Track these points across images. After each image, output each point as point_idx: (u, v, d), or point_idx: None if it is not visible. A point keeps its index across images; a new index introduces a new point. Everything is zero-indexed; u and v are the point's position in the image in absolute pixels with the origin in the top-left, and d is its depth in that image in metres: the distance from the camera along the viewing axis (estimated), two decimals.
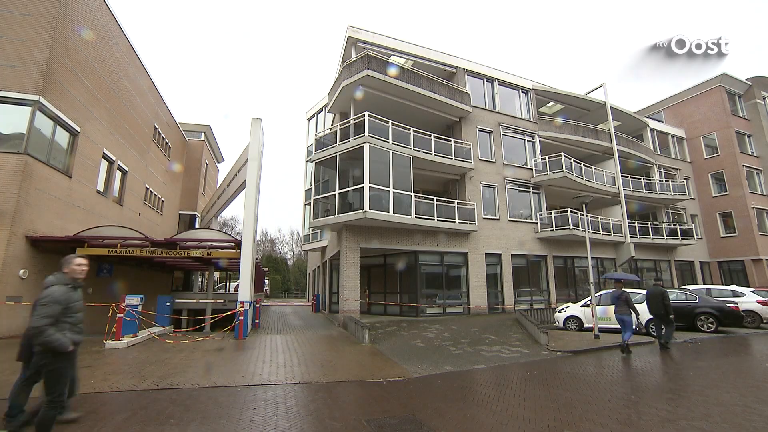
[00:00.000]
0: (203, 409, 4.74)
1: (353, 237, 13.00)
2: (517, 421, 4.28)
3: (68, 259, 3.60)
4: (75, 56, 11.69)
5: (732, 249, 23.41)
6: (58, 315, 3.28)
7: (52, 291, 3.34)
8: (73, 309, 3.44)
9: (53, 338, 3.21)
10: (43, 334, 3.18)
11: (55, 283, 3.43)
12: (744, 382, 6.01)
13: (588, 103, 20.91)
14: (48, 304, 3.27)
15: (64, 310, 3.33)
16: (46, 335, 3.19)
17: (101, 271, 13.39)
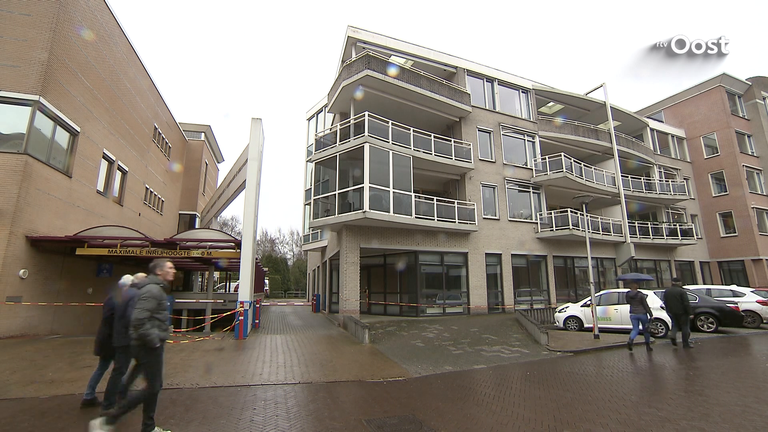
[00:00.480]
0: (203, 409, 4.74)
1: (353, 237, 13.00)
2: (517, 421, 4.28)
3: (161, 263, 4.03)
4: (75, 56, 11.69)
5: (732, 249, 23.41)
6: (153, 310, 3.67)
7: (150, 288, 3.75)
8: (163, 306, 3.82)
9: (148, 332, 3.60)
10: (142, 326, 3.57)
11: (150, 282, 3.85)
12: (744, 382, 6.01)
13: (588, 103, 20.91)
14: (147, 299, 3.66)
15: (157, 306, 3.72)
16: (144, 328, 3.58)
17: (101, 271, 13.40)
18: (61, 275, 11.32)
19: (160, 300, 3.75)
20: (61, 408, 4.64)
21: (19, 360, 7.18)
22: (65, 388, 5.43)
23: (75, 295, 11.76)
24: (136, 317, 3.58)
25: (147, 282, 3.87)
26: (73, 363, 7.02)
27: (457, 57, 17.34)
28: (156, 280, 3.87)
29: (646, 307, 8.88)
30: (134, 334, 3.60)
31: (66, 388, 5.43)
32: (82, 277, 12.45)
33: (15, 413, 4.48)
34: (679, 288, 9.28)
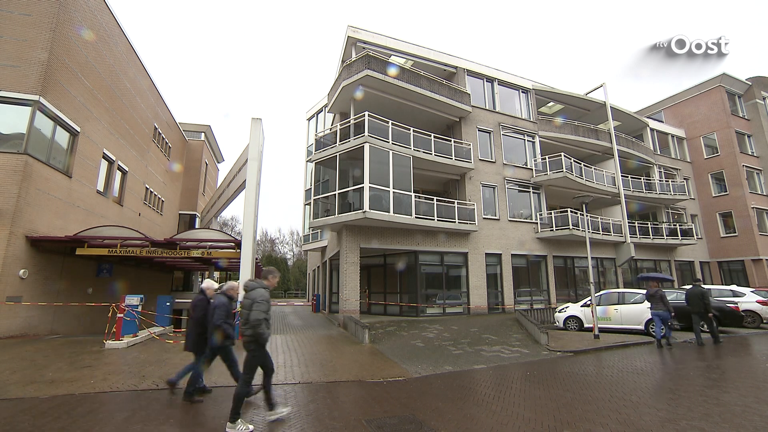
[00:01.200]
0: (203, 409, 4.74)
1: (353, 237, 13.00)
2: (517, 421, 4.28)
3: (273, 272, 4.60)
4: (75, 56, 11.70)
5: (732, 249, 23.41)
6: (267, 311, 4.22)
7: (263, 293, 4.27)
8: (270, 309, 4.36)
9: (264, 331, 4.13)
10: (261, 325, 4.10)
11: (259, 286, 4.34)
12: (744, 382, 6.01)
13: (588, 103, 20.91)
14: (263, 302, 4.19)
15: (268, 309, 4.27)
16: (260, 328, 4.10)
17: (101, 271, 13.40)
18: (61, 275, 11.33)
19: (270, 303, 4.31)
20: (61, 408, 4.64)
21: (19, 360, 7.18)
22: (65, 388, 5.42)
23: (75, 295, 11.76)
24: (255, 318, 4.11)
25: (256, 286, 4.35)
26: (73, 363, 7.02)
27: (457, 57, 17.34)
28: (262, 285, 4.36)
29: (666, 304, 9.12)
30: (250, 331, 4.13)
31: (66, 388, 5.42)
32: (82, 277, 12.45)
33: (15, 413, 4.48)
34: (700, 288, 9.56)
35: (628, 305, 11.41)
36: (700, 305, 9.25)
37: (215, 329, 4.80)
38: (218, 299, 4.99)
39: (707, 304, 9.18)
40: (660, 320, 9.09)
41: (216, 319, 4.80)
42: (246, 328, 4.19)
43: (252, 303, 4.20)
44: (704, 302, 9.19)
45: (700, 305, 9.24)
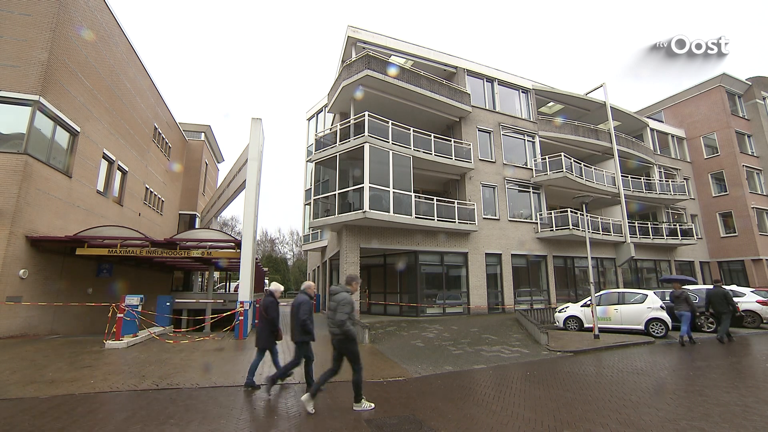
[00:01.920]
0: (203, 409, 4.74)
1: (353, 237, 13.00)
2: (517, 421, 4.28)
3: (356, 278, 5.19)
4: (75, 56, 11.69)
5: (732, 249, 23.41)
6: (350, 312, 4.76)
7: (347, 296, 4.83)
8: (354, 309, 4.90)
9: (350, 329, 4.72)
10: (345, 324, 4.68)
11: (343, 290, 4.91)
12: (744, 382, 6.01)
13: (588, 103, 20.91)
14: (347, 304, 4.74)
15: (351, 309, 4.80)
16: (346, 326, 4.68)
17: (101, 271, 13.39)
18: (61, 275, 11.32)
19: (353, 305, 4.86)
20: (61, 408, 4.64)
21: (19, 360, 7.18)
22: (65, 388, 5.42)
23: (75, 295, 11.76)
24: (339, 318, 4.67)
25: (341, 290, 4.92)
26: (73, 363, 7.02)
27: (457, 57, 17.34)
28: (346, 289, 4.96)
29: (690, 304, 9.47)
30: (338, 330, 4.72)
31: (66, 388, 5.42)
32: (82, 277, 12.45)
33: (15, 413, 4.48)
34: (722, 288, 9.84)
35: (628, 305, 11.41)
36: (724, 305, 9.56)
37: (301, 325, 5.15)
38: (301, 297, 5.34)
39: (732, 304, 9.52)
40: (683, 319, 9.41)
41: (301, 314, 5.17)
42: (334, 328, 4.76)
43: (337, 305, 4.76)
44: (728, 302, 9.51)
45: (724, 305, 9.54)
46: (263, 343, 5.77)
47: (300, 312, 5.15)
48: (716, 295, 9.74)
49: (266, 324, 5.73)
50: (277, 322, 5.76)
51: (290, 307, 5.51)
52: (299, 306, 5.20)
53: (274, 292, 5.86)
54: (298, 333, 5.24)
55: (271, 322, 5.72)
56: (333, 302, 4.82)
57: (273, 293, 5.84)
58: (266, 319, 5.72)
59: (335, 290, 4.94)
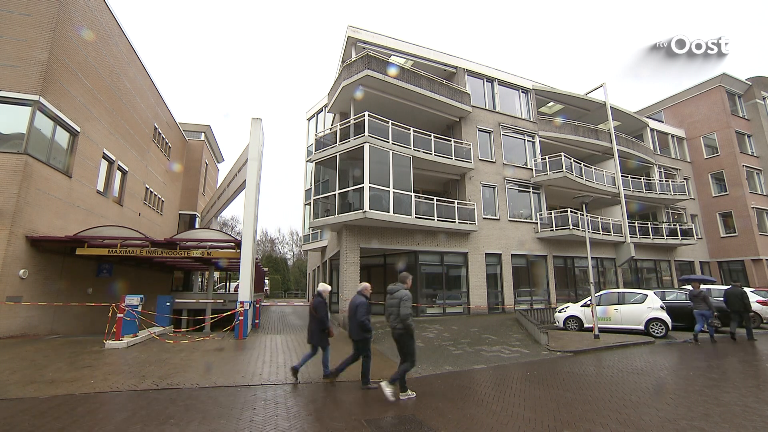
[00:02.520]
0: (203, 409, 4.74)
1: (353, 237, 13.00)
2: (517, 421, 4.28)
3: (409, 276, 5.70)
4: (75, 56, 11.69)
5: (732, 249, 23.41)
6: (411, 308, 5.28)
7: (407, 293, 5.38)
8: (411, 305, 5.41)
9: (412, 323, 5.23)
10: (409, 319, 5.18)
11: (402, 288, 5.47)
12: (744, 382, 6.02)
13: (588, 103, 20.90)
14: (409, 299, 5.28)
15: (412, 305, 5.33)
16: (409, 320, 5.18)
17: (101, 271, 13.40)
18: (61, 275, 11.32)
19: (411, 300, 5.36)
20: (61, 408, 4.64)
21: (19, 360, 7.18)
22: (65, 388, 5.42)
23: (75, 295, 11.76)
24: (404, 313, 5.19)
25: (400, 287, 5.47)
26: (73, 363, 7.02)
27: (457, 57, 17.34)
28: (404, 287, 5.49)
29: (708, 303, 9.69)
30: (401, 325, 5.21)
31: (66, 388, 5.42)
32: (82, 277, 12.45)
33: (15, 413, 4.48)
34: (739, 288, 10.13)
35: (628, 305, 11.41)
36: (740, 304, 9.83)
37: (360, 324, 5.60)
38: (358, 299, 5.78)
39: (746, 304, 9.79)
40: (703, 318, 9.70)
41: (360, 315, 5.61)
42: (397, 322, 5.27)
43: (399, 301, 5.28)
44: (743, 301, 9.79)
45: (740, 304, 9.82)
46: (316, 340, 6.15)
47: (358, 313, 5.60)
48: (733, 295, 9.99)
49: (316, 322, 6.09)
50: (327, 321, 6.11)
51: (348, 308, 5.92)
52: (357, 307, 5.63)
53: (322, 292, 6.27)
54: (356, 331, 5.66)
55: (320, 320, 6.07)
56: (394, 299, 5.35)
57: (321, 293, 6.25)
58: (316, 318, 6.09)
59: (395, 288, 5.48)
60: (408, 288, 5.51)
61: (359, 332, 5.67)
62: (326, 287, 6.37)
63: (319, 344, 6.15)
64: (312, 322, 6.20)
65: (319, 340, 6.13)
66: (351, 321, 5.72)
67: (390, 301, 5.48)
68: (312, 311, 6.18)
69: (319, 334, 6.11)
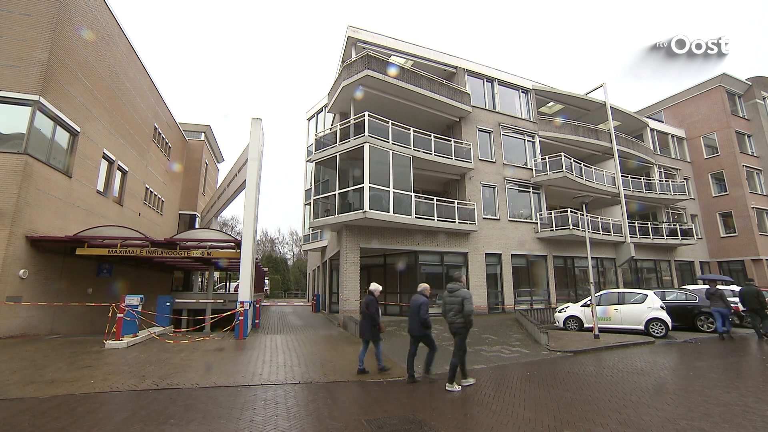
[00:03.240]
0: (203, 409, 4.74)
1: (353, 237, 13.00)
2: (517, 421, 4.28)
3: (463, 276, 6.37)
4: (75, 56, 11.69)
5: (732, 249, 23.41)
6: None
7: (468, 292, 5.96)
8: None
9: (472, 319, 5.89)
10: (471, 315, 5.83)
11: (462, 287, 6.02)
12: (744, 382, 6.02)
13: (588, 103, 20.91)
14: (470, 298, 5.87)
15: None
16: (471, 316, 5.82)
17: (101, 271, 13.39)
18: (61, 275, 11.32)
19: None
20: (61, 408, 4.64)
21: (19, 360, 7.18)
22: (65, 388, 5.42)
23: (75, 295, 11.76)
24: (468, 310, 5.76)
25: (460, 287, 6.01)
26: (73, 363, 7.02)
27: (457, 57, 17.34)
28: (463, 286, 6.08)
29: (726, 302, 10.04)
30: (462, 320, 5.81)
31: (66, 388, 5.42)
32: (82, 277, 12.44)
33: (15, 413, 4.48)
34: (754, 287, 10.27)
35: (628, 305, 11.41)
36: (755, 303, 9.93)
37: (422, 322, 6.07)
38: (420, 298, 6.23)
39: (762, 302, 9.90)
40: (720, 316, 10.05)
41: (423, 313, 6.09)
42: (458, 318, 5.82)
43: (462, 299, 5.82)
44: (759, 300, 9.90)
45: (756, 303, 9.92)
46: (368, 335, 6.62)
47: (421, 311, 6.09)
48: (749, 294, 10.10)
49: (368, 319, 6.56)
50: (377, 318, 6.59)
51: (411, 306, 6.34)
52: (420, 306, 6.12)
53: (374, 291, 6.83)
54: (418, 327, 6.13)
55: (371, 317, 6.56)
56: (455, 297, 5.91)
57: (373, 292, 6.80)
58: (367, 314, 6.57)
59: (454, 288, 6.03)
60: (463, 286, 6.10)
61: (420, 329, 6.11)
62: (377, 287, 6.93)
63: (372, 338, 6.63)
64: (363, 319, 6.67)
65: (371, 335, 6.60)
66: (413, 318, 6.17)
67: (449, 299, 6.02)
68: (364, 309, 6.66)
69: (371, 329, 6.57)
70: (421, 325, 6.07)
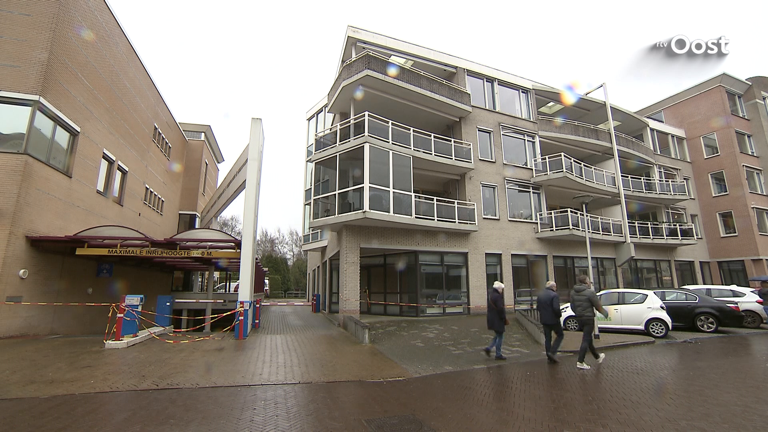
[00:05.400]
0: (203, 409, 4.74)
1: (353, 237, 13.00)
2: (517, 421, 4.28)
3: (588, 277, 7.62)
4: (75, 56, 11.69)
5: (732, 249, 23.40)
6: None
7: (593, 290, 7.19)
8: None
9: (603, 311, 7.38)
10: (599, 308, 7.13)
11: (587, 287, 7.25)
12: (744, 382, 6.01)
13: (588, 103, 20.89)
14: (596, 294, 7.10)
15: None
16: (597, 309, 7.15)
17: (101, 271, 13.39)
18: (61, 275, 11.32)
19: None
20: (61, 408, 4.64)
21: (19, 360, 7.18)
22: (65, 388, 5.42)
23: (75, 295, 11.76)
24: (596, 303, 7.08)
25: (586, 287, 7.27)
26: (73, 363, 7.02)
27: (457, 57, 17.34)
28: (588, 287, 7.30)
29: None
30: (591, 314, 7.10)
31: (66, 388, 5.42)
32: (82, 277, 12.44)
33: (15, 413, 4.48)
34: None
35: (628, 305, 11.41)
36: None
37: (556, 312, 7.47)
38: (551, 293, 7.59)
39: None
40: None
41: (555, 305, 7.45)
42: (586, 312, 7.10)
43: (587, 298, 7.11)
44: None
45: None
46: (496, 326, 7.83)
47: (554, 303, 7.45)
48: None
49: (495, 313, 7.82)
50: (504, 311, 7.85)
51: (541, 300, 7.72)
52: (552, 299, 7.45)
53: (498, 288, 8.00)
54: (552, 317, 7.48)
55: (500, 312, 7.81)
56: (582, 295, 7.16)
57: (497, 290, 7.98)
58: (495, 309, 7.81)
59: (581, 288, 7.29)
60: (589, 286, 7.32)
61: (553, 318, 7.46)
62: (501, 284, 8.08)
63: (500, 329, 7.76)
64: (490, 312, 7.90)
65: (499, 326, 7.77)
66: (545, 310, 7.51)
67: (577, 297, 7.29)
68: (492, 304, 7.88)
69: (499, 322, 7.75)
70: (554, 314, 7.40)
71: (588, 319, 7.05)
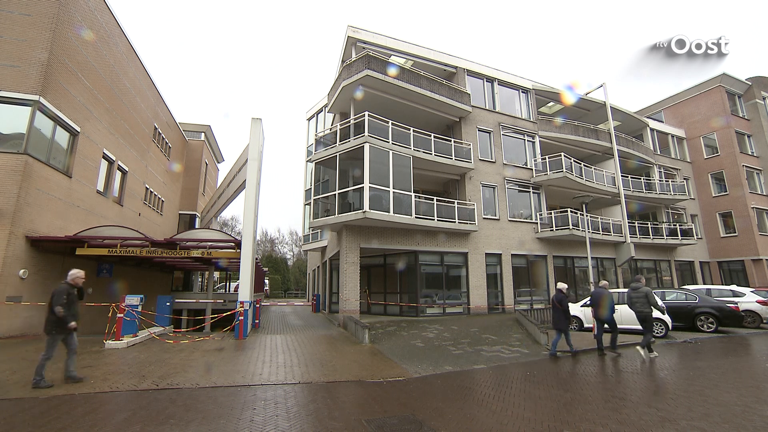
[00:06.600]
0: (203, 409, 4.74)
1: (353, 237, 13.00)
2: (517, 421, 4.28)
3: (643, 278, 8.19)
4: (75, 56, 11.69)
5: (732, 249, 23.40)
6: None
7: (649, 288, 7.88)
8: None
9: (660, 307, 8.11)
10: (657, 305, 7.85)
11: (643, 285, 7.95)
12: (744, 382, 6.01)
13: (588, 103, 20.90)
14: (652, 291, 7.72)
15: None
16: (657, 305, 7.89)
17: (101, 271, 13.39)
18: (61, 275, 11.27)
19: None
20: (61, 408, 4.64)
21: (19, 360, 7.18)
22: (65, 388, 5.42)
23: None
24: (654, 301, 7.75)
25: (641, 285, 7.94)
26: None
27: (457, 57, 17.34)
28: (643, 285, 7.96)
29: None
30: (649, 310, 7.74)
31: (66, 388, 5.42)
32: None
33: (15, 413, 4.48)
34: None
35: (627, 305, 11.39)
36: None
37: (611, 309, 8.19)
38: (602, 291, 8.39)
39: None
40: None
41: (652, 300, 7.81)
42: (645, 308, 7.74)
43: (644, 295, 7.79)
44: None
45: None
46: (561, 325, 8.22)
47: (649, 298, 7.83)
48: None
49: (560, 312, 8.20)
50: (569, 311, 8.27)
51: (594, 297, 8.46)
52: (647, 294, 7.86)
53: (562, 289, 8.42)
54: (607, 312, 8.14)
55: (565, 311, 8.20)
56: (639, 293, 7.83)
57: (561, 290, 8.38)
58: (560, 309, 8.21)
59: (637, 286, 7.96)
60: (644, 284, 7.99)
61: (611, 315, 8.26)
62: (565, 285, 8.55)
63: (563, 328, 8.20)
64: (555, 311, 8.32)
65: (563, 324, 8.19)
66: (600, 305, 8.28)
67: (634, 294, 7.95)
68: (556, 304, 8.29)
69: (564, 321, 8.18)
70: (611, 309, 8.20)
71: (647, 315, 7.61)
